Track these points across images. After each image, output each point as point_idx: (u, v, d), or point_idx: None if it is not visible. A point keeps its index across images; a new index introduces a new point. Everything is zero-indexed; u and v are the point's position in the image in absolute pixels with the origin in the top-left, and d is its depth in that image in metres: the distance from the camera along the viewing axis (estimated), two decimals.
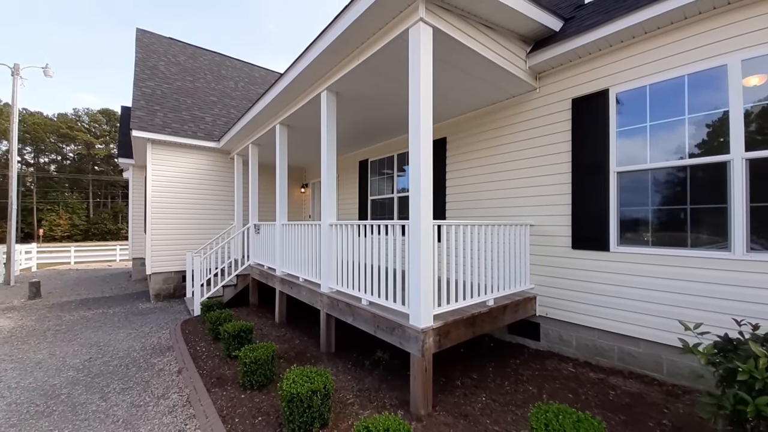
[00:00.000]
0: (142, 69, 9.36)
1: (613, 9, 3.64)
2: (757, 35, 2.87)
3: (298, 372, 2.76)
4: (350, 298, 3.89)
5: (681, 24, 3.25)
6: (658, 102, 3.43)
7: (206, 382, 3.65)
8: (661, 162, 3.39)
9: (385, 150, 6.96)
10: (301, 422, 2.54)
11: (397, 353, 4.06)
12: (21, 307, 7.70)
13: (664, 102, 3.41)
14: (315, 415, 2.57)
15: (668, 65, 3.35)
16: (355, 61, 3.73)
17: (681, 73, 3.29)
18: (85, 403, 3.38)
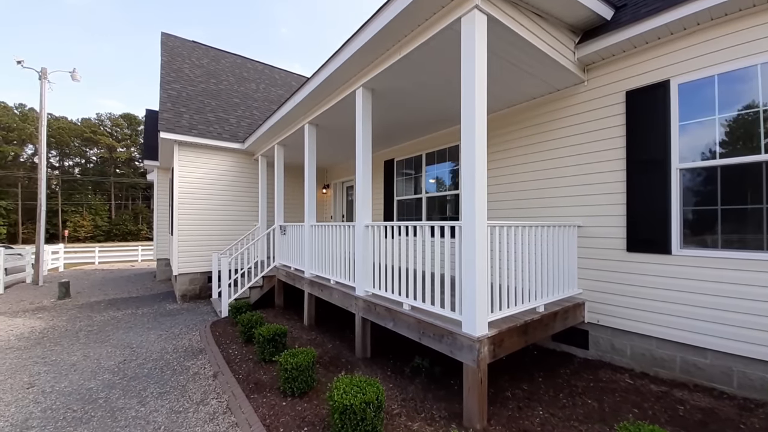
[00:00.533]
0: (167, 72, 9.46)
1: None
2: None
3: (347, 381, 2.61)
4: (390, 302, 3.73)
5: (751, 11, 2.98)
6: (728, 93, 3.16)
7: (244, 388, 3.55)
8: (732, 158, 3.12)
9: (412, 149, 6.78)
10: None
11: (438, 360, 3.89)
12: (51, 307, 7.83)
13: (734, 93, 3.13)
14: (368, 428, 2.41)
15: (740, 53, 3.07)
16: (396, 56, 3.58)
17: (755, 62, 3.01)
18: (124, 408, 3.31)
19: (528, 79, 4.02)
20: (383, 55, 3.76)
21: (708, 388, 3.25)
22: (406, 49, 3.43)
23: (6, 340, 5.38)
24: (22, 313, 7.23)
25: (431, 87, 4.24)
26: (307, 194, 5.71)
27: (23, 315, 7.04)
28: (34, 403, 3.42)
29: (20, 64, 11.55)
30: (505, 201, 5.01)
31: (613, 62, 3.87)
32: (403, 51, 3.46)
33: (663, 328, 3.47)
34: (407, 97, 4.59)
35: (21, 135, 47.61)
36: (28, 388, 3.72)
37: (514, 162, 4.87)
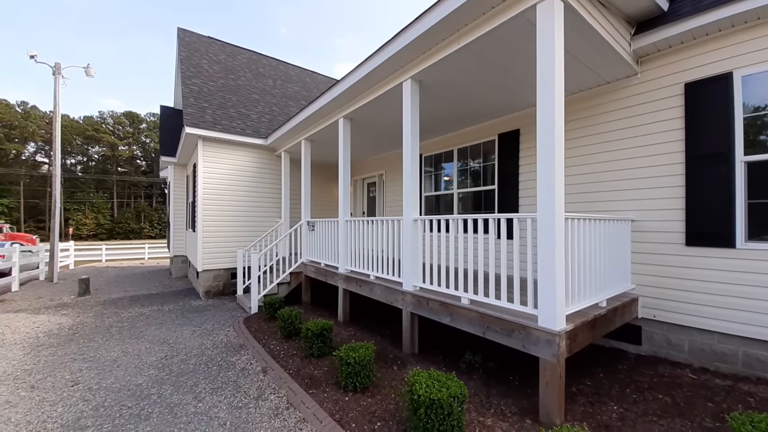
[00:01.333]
0: (187, 67, 9.37)
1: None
2: None
3: (426, 376, 2.55)
4: (445, 296, 3.68)
5: None
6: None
7: (300, 383, 3.49)
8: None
9: (442, 145, 6.72)
10: (441, 430, 2.33)
11: (491, 355, 3.84)
12: (73, 303, 7.75)
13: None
14: (454, 423, 2.36)
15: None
16: (453, 46, 3.51)
17: None
18: (180, 404, 3.25)
19: (580, 69, 3.95)
20: (438, 46, 3.69)
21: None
22: (466, 38, 3.37)
23: (35, 337, 5.31)
24: (44, 309, 7.15)
25: (480, 78, 4.18)
26: (341, 190, 5.65)
27: (46, 312, 6.96)
28: (82, 401, 3.34)
29: (33, 58, 11.43)
30: None
31: (670, 54, 3.81)
32: (464, 40, 3.39)
33: (725, 323, 3.42)
34: (452, 89, 4.53)
35: (23, 133, 47.39)
36: (72, 386, 3.64)
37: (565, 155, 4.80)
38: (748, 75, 3.36)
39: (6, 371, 3.99)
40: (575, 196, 4.58)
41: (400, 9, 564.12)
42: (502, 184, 5.52)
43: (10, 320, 6.27)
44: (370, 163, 9.19)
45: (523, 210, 5.19)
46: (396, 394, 3.19)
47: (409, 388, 2.51)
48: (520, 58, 3.66)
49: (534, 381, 3.35)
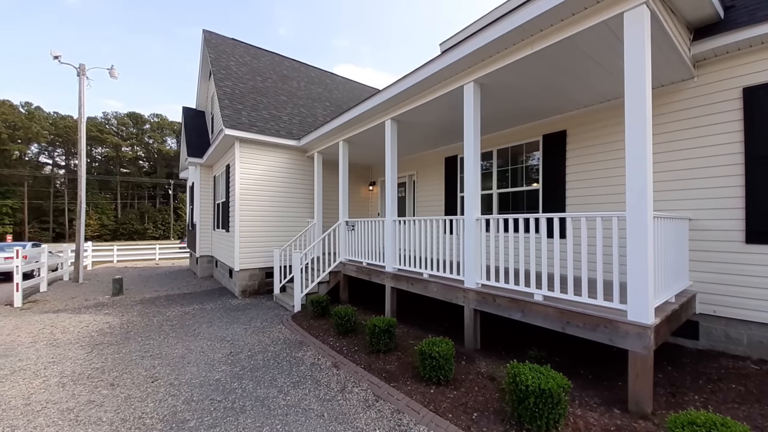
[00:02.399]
0: (218, 69, 9.49)
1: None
2: None
3: (528, 368, 2.68)
4: (514, 293, 3.80)
5: None
6: None
7: (378, 377, 3.61)
8: None
9: (483, 145, 6.82)
10: (549, 419, 2.45)
11: (556, 351, 3.97)
12: (110, 303, 7.84)
13: None
14: (561, 412, 2.49)
15: None
16: (524, 51, 3.64)
17: None
18: (268, 397, 3.36)
19: None
20: (506, 50, 3.82)
21: None
22: (539, 44, 3.50)
23: (89, 336, 5.40)
24: (84, 309, 7.24)
25: (540, 81, 4.31)
26: (389, 190, 5.77)
27: (87, 311, 7.05)
28: (170, 396, 3.44)
29: (57, 59, 11.51)
30: (593, 195, 5.09)
31: (728, 59, 3.95)
32: (536, 46, 3.52)
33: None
34: (508, 92, 4.65)
35: (27, 134, 47.35)
36: (152, 382, 3.74)
37: (608, 157, 4.94)
38: None
39: (76, 371, 4.06)
40: (620, 196, 4.69)
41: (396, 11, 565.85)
42: (547, 185, 5.66)
43: (54, 320, 6.36)
44: (401, 164, 9.30)
45: (570, 209, 5.32)
46: (478, 386, 3.31)
47: (512, 379, 2.64)
48: (587, 62, 3.79)
49: (608, 374, 3.50)
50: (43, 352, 4.68)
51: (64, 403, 3.27)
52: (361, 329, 5.14)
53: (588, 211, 5.09)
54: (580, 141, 5.26)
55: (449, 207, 7.52)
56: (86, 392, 3.51)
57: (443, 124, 6.02)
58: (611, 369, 3.63)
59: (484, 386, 3.33)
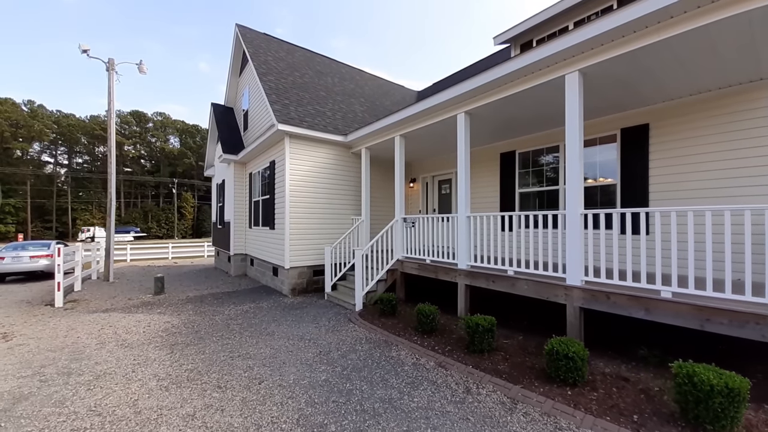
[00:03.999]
0: (258, 64, 9.29)
1: None
2: None
3: (702, 368, 2.54)
4: (633, 290, 3.66)
5: None
6: None
7: (499, 377, 3.46)
8: None
9: (545, 140, 6.69)
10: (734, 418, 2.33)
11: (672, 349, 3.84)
12: (156, 302, 7.65)
13: None
14: (743, 411, 2.35)
15: None
16: (649, 39, 3.49)
17: None
18: (393, 399, 3.20)
19: (734, 64, 3.94)
20: (627, 37, 3.66)
21: None
22: (667, 32, 3.35)
23: (157, 336, 5.22)
24: (134, 309, 7.05)
25: (647, 73, 4.16)
26: (464, 185, 5.62)
27: (138, 311, 6.87)
28: (288, 398, 3.26)
29: (86, 53, 11.24)
30: (680, 191, 4.95)
31: None
32: (663, 34, 3.38)
33: None
34: (611, 83, 4.46)
35: (29, 132, 46.80)
36: (259, 384, 3.58)
37: (699, 150, 4.81)
38: None
39: (169, 373, 3.87)
40: (713, 191, 4.57)
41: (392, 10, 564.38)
42: (625, 179, 5.52)
43: (108, 320, 6.15)
44: (443, 161, 9.16)
45: (654, 204, 5.19)
46: (615, 387, 3.17)
47: (687, 379, 2.50)
48: (707, 53, 3.65)
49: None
50: (118, 353, 4.50)
51: (179, 409, 3.10)
52: (440, 328, 5.01)
53: (676, 205, 4.95)
54: (669, 134, 5.12)
55: (505, 203, 7.37)
56: (196, 396, 3.34)
57: (520, 116, 5.85)
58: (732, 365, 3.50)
59: (622, 387, 3.19)
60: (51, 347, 4.79)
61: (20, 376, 3.82)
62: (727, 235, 3.08)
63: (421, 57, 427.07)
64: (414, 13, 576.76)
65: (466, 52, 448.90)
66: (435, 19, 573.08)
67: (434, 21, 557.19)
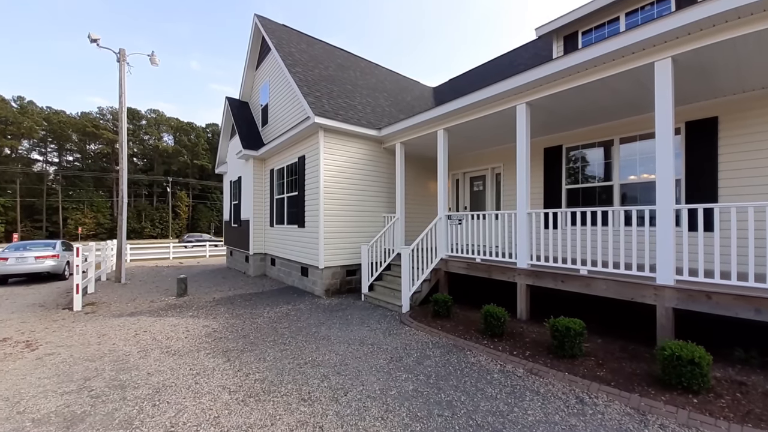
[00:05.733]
0: (285, 55, 8.92)
1: None
2: None
3: None
4: (741, 289, 3.44)
5: None
6: None
7: (606, 384, 3.21)
8: None
9: (596, 135, 6.46)
10: None
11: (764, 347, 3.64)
12: (183, 305, 7.24)
13: None
14: None
15: None
16: (753, 26, 3.27)
17: None
18: (504, 412, 2.91)
19: None
20: (726, 24, 3.44)
21: None
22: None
23: (203, 341, 4.86)
24: (161, 312, 6.65)
25: (736, 62, 3.94)
26: (524, 180, 5.34)
27: (168, 314, 6.47)
28: (386, 412, 2.94)
29: (95, 42, 10.69)
30: (753, 186, 4.78)
31: None
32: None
33: None
34: (696, 72, 4.24)
35: (19, 129, 45.30)
36: (345, 395, 3.26)
37: None
38: None
39: (239, 384, 3.50)
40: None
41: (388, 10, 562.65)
42: (691, 174, 5.33)
43: (140, 325, 5.73)
44: (475, 158, 8.92)
45: (724, 200, 5.00)
46: (740, 393, 2.95)
47: None
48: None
49: None
50: (169, 362, 4.12)
51: (272, 427, 2.75)
52: (502, 330, 4.72)
53: (743, 198, 4.76)
54: (739, 128, 4.94)
55: (550, 200, 7.15)
56: (282, 411, 2.99)
57: (585, 109, 5.59)
58: None
59: (745, 392, 2.98)
60: (87, 356, 4.39)
61: (64, 392, 3.42)
62: None
63: (417, 56, 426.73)
64: (410, 11, 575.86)
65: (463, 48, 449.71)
66: (430, 17, 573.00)
67: (430, 19, 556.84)
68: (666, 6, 6.11)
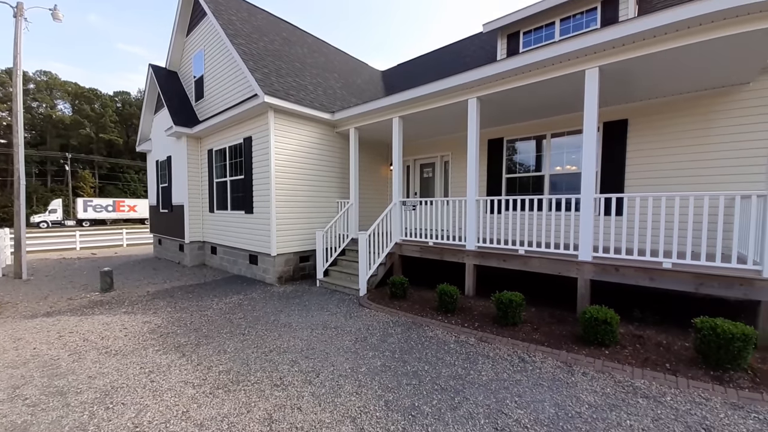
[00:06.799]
0: (225, 23, 8.10)
1: None
2: None
3: (722, 320, 3.15)
4: (640, 263, 4.30)
5: None
6: None
7: (546, 345, 3.82)
8: None
9: (528, 130, 7.23)
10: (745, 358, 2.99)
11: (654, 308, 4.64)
12: (112, 301, 6.48)
13: None
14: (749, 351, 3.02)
15: None
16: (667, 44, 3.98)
17: None
18: (462, 375, 3.31)
19: (712, 70, 4.74)
20: (656, 39, 4.06)
21: None
22: (705, 35, 3.81)
23: (148, 338, 4.50)
24: (87, 310, 5.91)
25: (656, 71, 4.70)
26: (474, 170, 5.79)
27: (95, 312, 5.78)
28: (361, 387, 3.15)
29: None
30: (652, 178, 5.88)
31: None
32: (701, 37, 3.82)
33: None
34: (622, 78, 4.92)
35: None
36: (318, 376, 3.37)
37: (671, 144, 5.72)
38: None
39: (202, 377, 3.38)
40: (679, 179, 5.55)
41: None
42: (606, 167, 6.31)
43: (65, 326, 5.01)
44: (426, 145, 9.29)
45: (629, 191, 6.05)
46: (638, 344, 3.75)
47: (711, 331, 3.10)
48: (716, 57, 4.25)
49: None
50: (112, 363, 3.76)
51: (248, 414, 2.76)
52: (455, 306, 5.18)
53: (643, 189, 5.86)
54: (645, 129, 5.95)
55: (493, 188, 7.84)
56: (257, 398, 2.99)
57: (526, 105, 6.15)
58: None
59: (642, 343, 3.80)
60: (6, 364, 3.80)
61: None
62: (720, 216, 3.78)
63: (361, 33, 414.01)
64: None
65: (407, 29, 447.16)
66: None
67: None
68: (593, 17, 7.00)
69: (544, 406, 2.79)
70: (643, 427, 2.49)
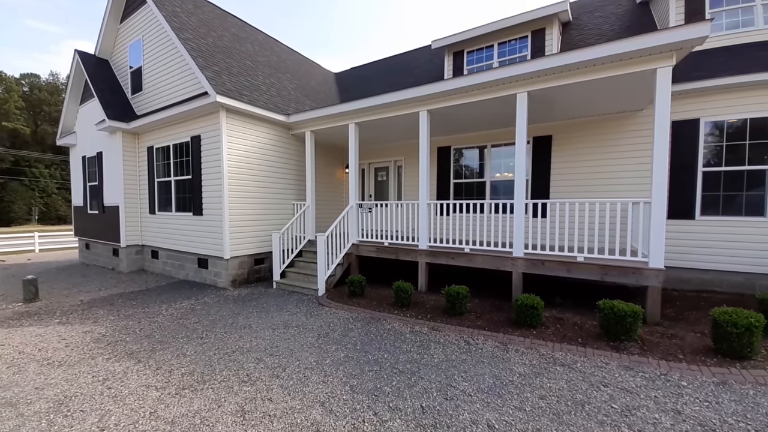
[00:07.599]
0: (169, 15, 7.68)
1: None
2: None
3: (617, 302, 3.99)
4: (561, 257, 5.14)
5: None
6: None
7: (487, 330, 4.42)
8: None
9: (472, 140, 8.02)
10: (635, 331, 3.85)
11: (572, 295, 5.57)
12: (40, 312, 5.86)
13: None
14: (638, 324, 3.90)
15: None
16: (597, 74, 4.87)
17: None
18: (417, 360, 3.74)
19: (617, 100, 5.88)
20: (577, 71, 4.90)
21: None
22: (616, 71, 4.71)
23: (95, 348, 4.27)
24: (12, 322, 5.32)
25: (569, 98, 5.65)
26: (425, 175, 6.31)
27: (22, 324, 5.23)
28: (327, 376, 3.38)
29: None
30: (571, 185, 6.95)
31: None
32: (612, 72, 4.72)
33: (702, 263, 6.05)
34: (542, 101, 5.81)
35: None
36: (284, 370, 3.56)
37: (583, 158, 6.83)
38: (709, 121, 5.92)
39: (164, 380, 3.36)
40: (589, 187, 6.68)
41: None
42: (535, 175, 7.29)
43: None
44: (380, 150, 9.71)
45: (554, 196, 7.07)
46: (559, 324, 4.53)
47: (610, 310, 3.91)
48: (613, 90, 5.26)
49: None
50: (58, 374, 3.55)
51: (219, 408, 2.88)
52: (409, 301, 5.64)
53: (565, 195, 6.92)
54: (565, 144, 7.01)
55: (442, 192, 8.53)
56: (226, 394, 3.10)
57: (470, 119, 6.85)
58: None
59: (562, 324, 4.58)
60: None
61: None
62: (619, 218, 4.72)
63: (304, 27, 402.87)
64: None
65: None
66: None
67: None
68: (525, 44, 8.03)
69: (484, 378, 3.33)
70: (558, 387, 3.13)
